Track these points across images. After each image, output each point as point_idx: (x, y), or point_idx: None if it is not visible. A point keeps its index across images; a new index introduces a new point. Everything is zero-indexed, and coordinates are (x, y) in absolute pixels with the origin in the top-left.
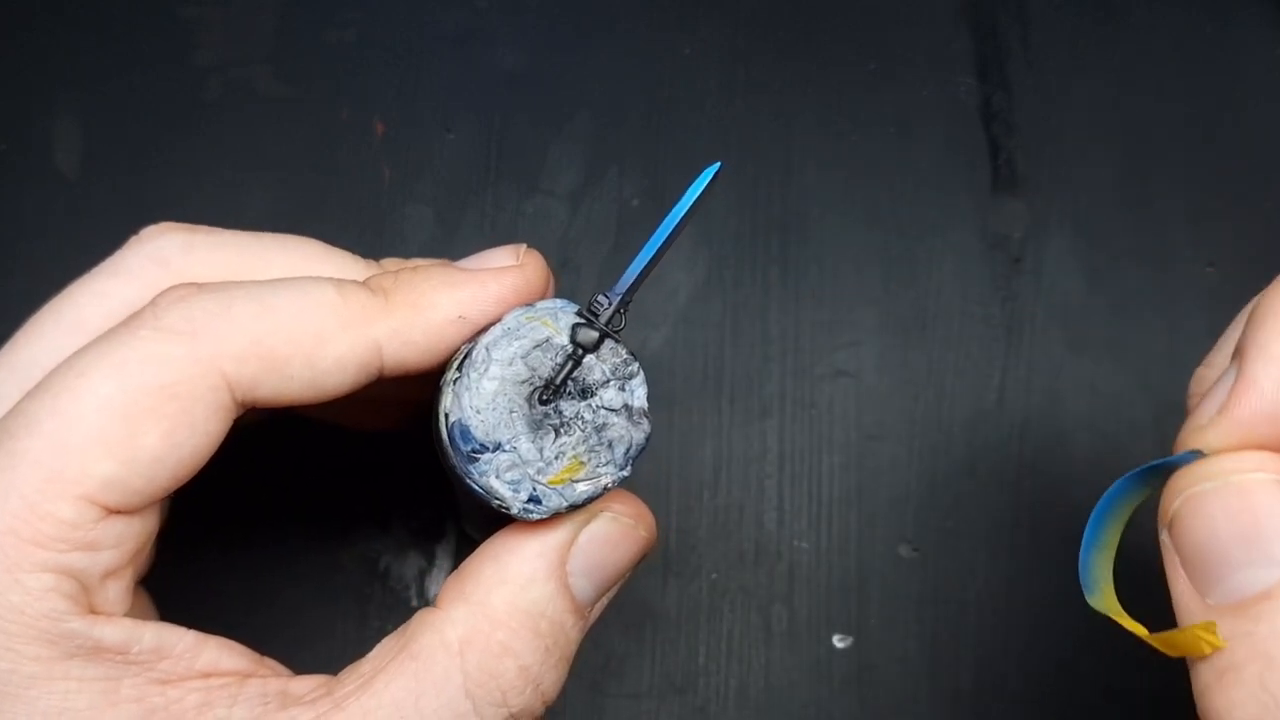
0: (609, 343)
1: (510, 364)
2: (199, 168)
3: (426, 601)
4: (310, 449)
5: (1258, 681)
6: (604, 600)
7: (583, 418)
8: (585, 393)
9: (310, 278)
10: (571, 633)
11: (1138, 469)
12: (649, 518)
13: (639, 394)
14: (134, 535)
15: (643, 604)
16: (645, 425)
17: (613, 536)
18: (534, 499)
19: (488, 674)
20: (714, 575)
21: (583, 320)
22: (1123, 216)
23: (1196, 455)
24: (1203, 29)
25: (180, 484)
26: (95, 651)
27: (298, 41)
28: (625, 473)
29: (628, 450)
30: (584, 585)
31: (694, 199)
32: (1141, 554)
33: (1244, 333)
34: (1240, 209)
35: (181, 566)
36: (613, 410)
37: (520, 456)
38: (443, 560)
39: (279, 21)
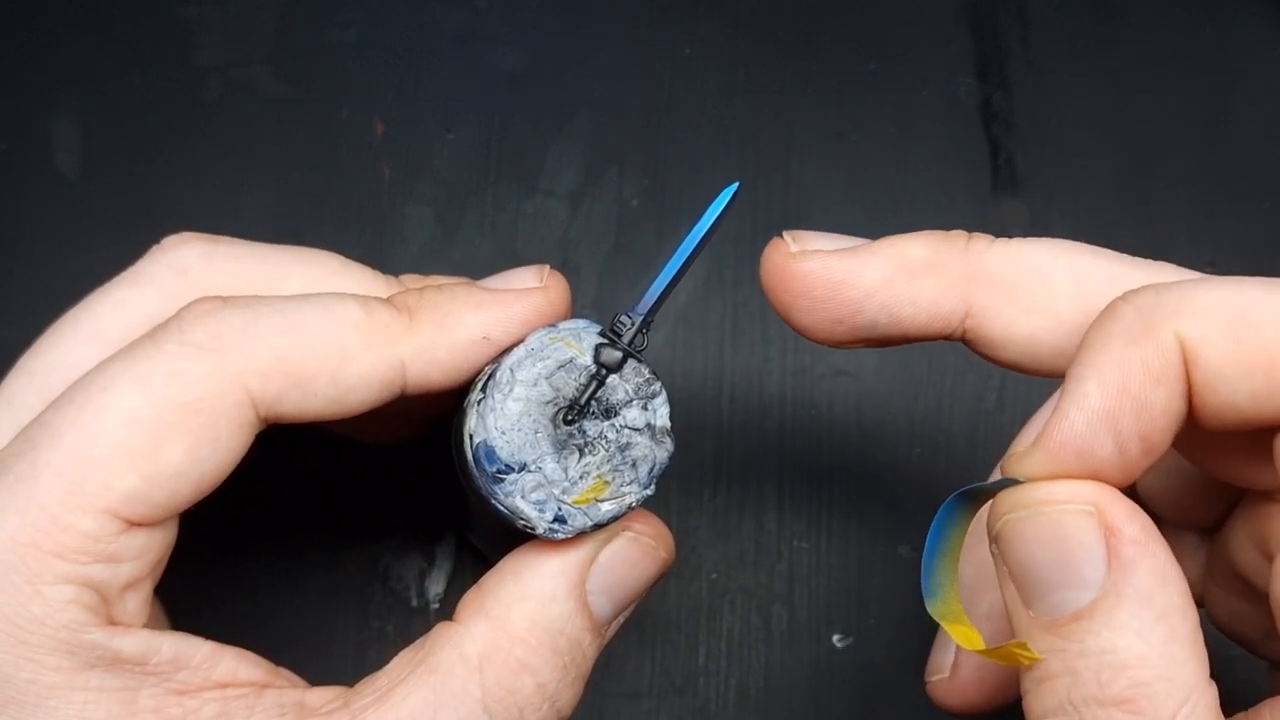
0: (632, 362)
1: (535, 385)
2: (199, 168)
3: (426, 601)
4: (310, 449)
5: (1065, 693)
6: (620, 619)
7: (606, 437)
8: (609, 412)
9: (335, 294)
10: (588, 651)
11: (962, 489)
12: (669, 538)
13: (662, 413)
14: (154, 547)
15: (643, 604)
16: (668, 444)
17: (633, 556)
18: (559, 519)
19: (506, 690)
20: (714, 575)
21: (606, 340)
22: (1123, 216)
23: (1013, 482)
24: (1203, 29)
25: (202, 497)
26: (114, 662)
27: (298, 41)
28: (649, 491)
29: (651, 469)
30: (603, 604)
31: (713, 219)
32: None
33: (1078, 354)
34: (1240, 209)
35: (179, 565)
36: (636, 429)
37: (545, 477)
38: (443, 561)
39: (279, 21)
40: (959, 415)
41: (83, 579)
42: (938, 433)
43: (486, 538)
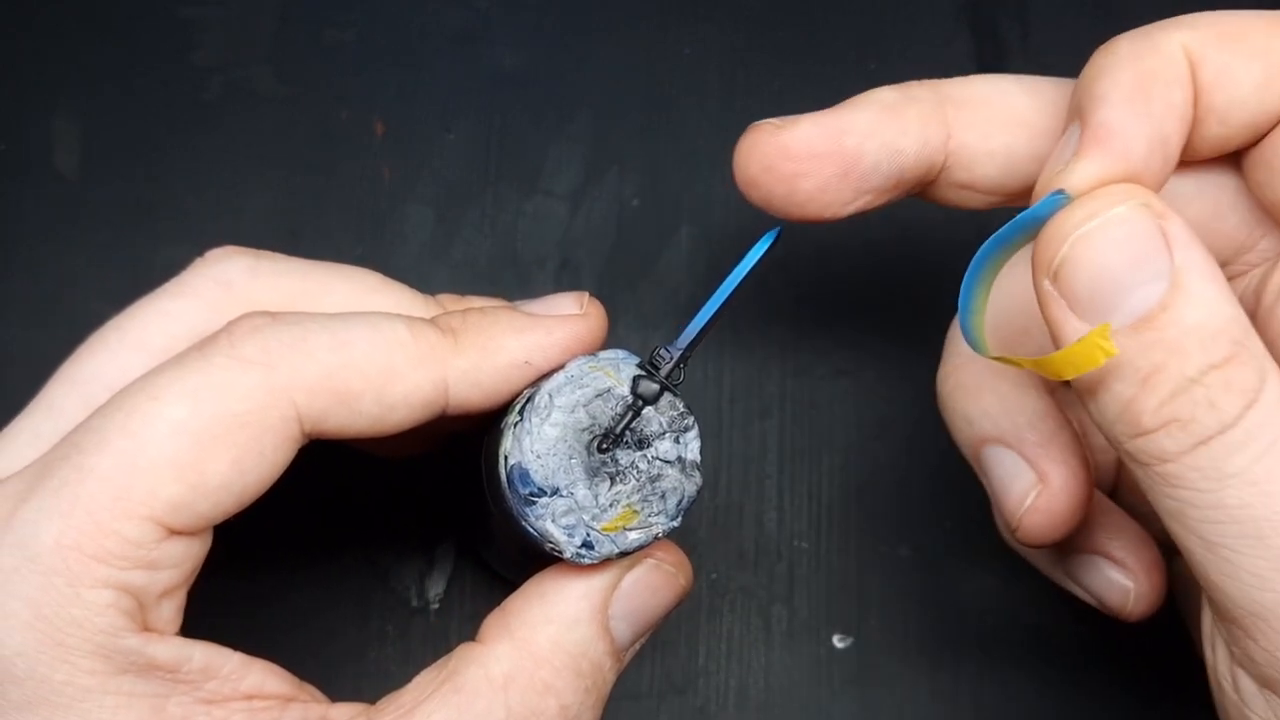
0: (667, 396)
1: (572, 411)
2: (199, 168)
3: (426, 602)
4: (310, 451)
5: (1178, 373)
6: (637, 644)
7: (638, 467)
8: (642, 443)
9: (383, 314)
10: (608, 675)
11: (1006, 225)
12: (688, 567)
13: (693, 447)
14: (192, 556)
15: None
16: (697, 478)
17: (654, 583)
18: (587, 544)
19: (529, 711)
20: (714, 575)
21: (644, 373)
22: None
23: (1061, 196)
24: None
25: (243, 508)
26: (147, 668)
27: (298, 41)
28: (676, 523)
29: (679, 501)
30: (623, 629)
31: (755, 261)
32: None
33: (1077, 95)
34: None
35: None
36: (667, 462)
37: (577, 502)
38: (442, 562)
39: (279, 21)
40: None
41: (122, 584)
42: (937, 432)
43: (508, 557)
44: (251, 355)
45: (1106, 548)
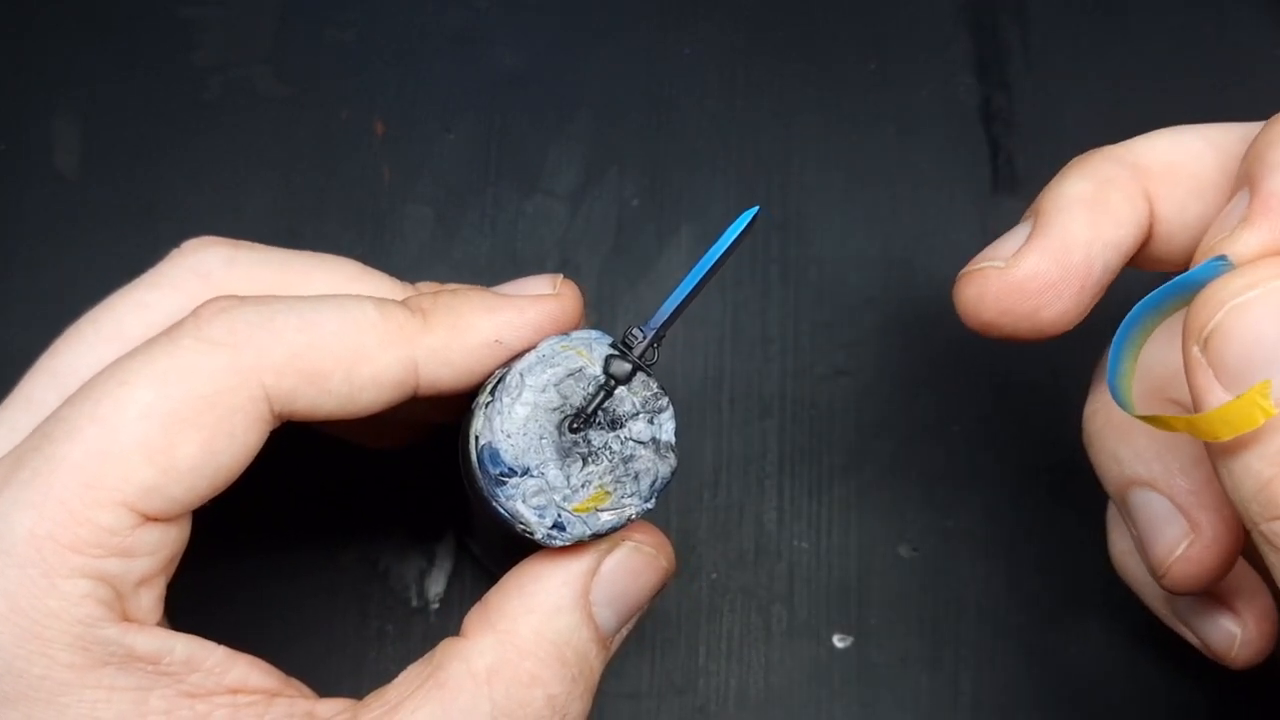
0: (640, 376)
1: (543, 391)
2: (199, 168)
3: (426, 601)
4: (309, 449)
5: None
6: (624, 631)
7: (611, 448)
8: (615, 424)
9: (351, 295)
10: (595, 662)
11: (1162, 287)
12: (669, 548)
13: (667, 428)
14: (169, 543)
15: (646, 614)
16: (672, 459)
17: (635, 566)
18: (558, 525)
19: (516, 703)
20: (714, 575)
21: (616, 352)
22: None
23: (1222, 262)
24: (1203, 29)
25: (217, 493)
26: (128, 660)
27: (298, 41)
28: (649, 505)
29: (653, 483)
30: (607, 615)
31: (731, 241)
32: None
33: (1249, 161)
34: None
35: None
36: (641, 443)
37: (548, 482)
38: (442, 561)
39: (279, 21)
40: (959, 415)
41: (98, 573)
42: (938, 433)
43: (486, 543)
44: (218, 337)
45: (1221, 592)
